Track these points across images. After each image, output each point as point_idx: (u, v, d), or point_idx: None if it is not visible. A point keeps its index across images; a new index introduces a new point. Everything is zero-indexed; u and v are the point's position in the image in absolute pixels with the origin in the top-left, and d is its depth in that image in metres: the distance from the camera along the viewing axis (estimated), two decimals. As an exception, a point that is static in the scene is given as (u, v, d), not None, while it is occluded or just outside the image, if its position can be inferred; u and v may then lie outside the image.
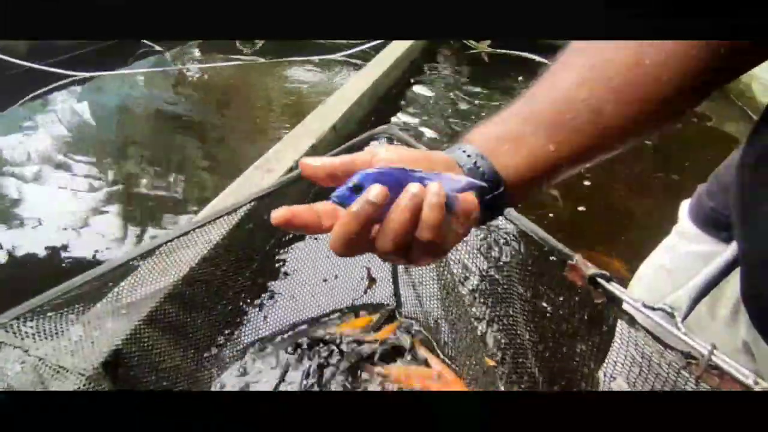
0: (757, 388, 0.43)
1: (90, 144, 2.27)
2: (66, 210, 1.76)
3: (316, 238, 1.01)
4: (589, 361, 0.63)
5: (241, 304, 0.90)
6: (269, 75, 3.04)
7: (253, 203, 0.91)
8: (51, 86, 2.73)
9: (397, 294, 1.01)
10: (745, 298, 0.52)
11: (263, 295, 0.93)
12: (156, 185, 1.91)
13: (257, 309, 0.92)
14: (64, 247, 1.60)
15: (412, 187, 0.32)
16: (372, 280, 1.01)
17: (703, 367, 0.47)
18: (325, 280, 0.99)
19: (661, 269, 0.63)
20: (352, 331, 0.99)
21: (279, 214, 0.34)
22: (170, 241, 0.79)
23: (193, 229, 0.82)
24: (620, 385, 0.62)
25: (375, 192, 0.32)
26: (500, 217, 0.62)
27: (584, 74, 0.38)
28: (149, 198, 1.85)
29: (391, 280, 1.00)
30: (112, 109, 2.68)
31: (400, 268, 1.00)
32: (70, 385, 0.64)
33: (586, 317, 0.60)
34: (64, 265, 1.54)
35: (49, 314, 0.73)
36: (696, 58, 0.37)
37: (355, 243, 0.34)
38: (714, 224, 0.59)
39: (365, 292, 1.00)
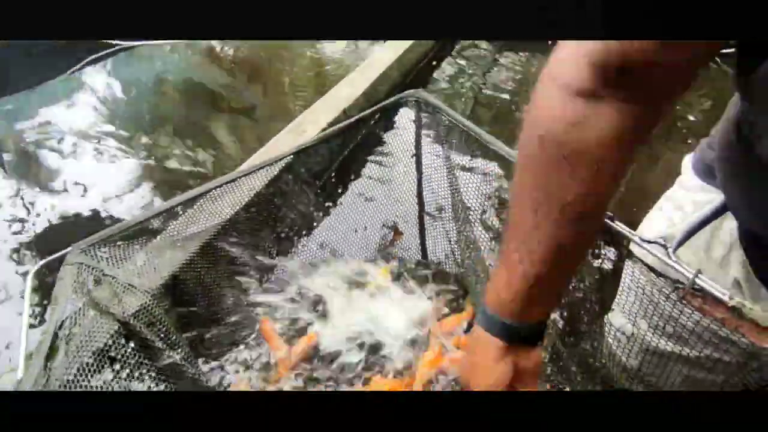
0: (731, 303, 0.49)
1: (125, 116, 2.39)
2: (99, 179, 1.89)
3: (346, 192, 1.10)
4: (590, 295, 0.70)
5: (279, 247, 1.00)
6: (298, 48, 3.10)
7: (291, 157, 1.00)
8: (91, 57, 2.84)
9: (423, 248, 1.10)
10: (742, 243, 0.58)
11: (299, 241, 1.03)
12: (185, 156, 2.02)
13: (293, 253, 1.02)
14: (98, 214, 1.74)
15: None
16: (398, 233, 1.09)
17: (689, 289, 0.53)
18: (355, 231, 1.08)
19: (662, 215, 0.69)
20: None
21: None
22: (219, 186, 0.89)
23: (238, 177, 0.92)
24: (617, 317, 0.69)
25: None
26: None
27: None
28: (178, 169, 1.96)
29: (418, 234, 1.09)
30: (146, 81, 2.78)
31: (427, 222, 1.08)
32: (139, 300, 0.74)
33: (589, 257, 0.67)
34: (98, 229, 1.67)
35: (118, 243, 0.84)
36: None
37: None
38: (713, 174, 0.64)
39: (392, 244, 1.09)
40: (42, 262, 0.80)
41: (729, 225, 0.61)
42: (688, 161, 0.70)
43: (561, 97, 0.43)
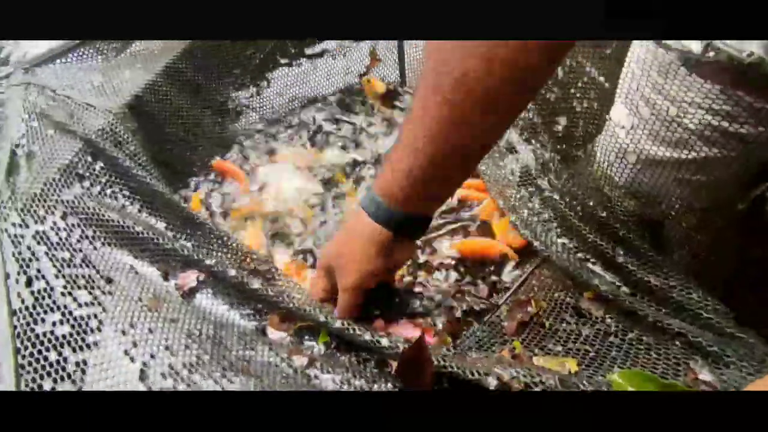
0: (748, 60, 0.45)
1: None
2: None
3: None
4: (589, 92, 0.65)
5: (252, 74, 0.92)
6: None
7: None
8: None
9: (402, 75, 1.02)
10: None
11: (272, 68, 0.94)
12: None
13: (267, 81, 0.94)
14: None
15: None
16: (376, 60, 1.01)
17: (703, 53, 0.48)
18: (333, 58, 0.99)
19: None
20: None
21: None
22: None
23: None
24: (618, 109, 0.65)
25: None
26: None
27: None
28: None
29: (396, 59, 1.00)
30: None
31: (407, 46, 0.99)
32: (101, 120, 0.68)
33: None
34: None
35: (68, 62, 0.75)
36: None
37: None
38: None
39: (368, 71, 1.01)
40: (-16, 84, 0.73)
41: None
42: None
43: None
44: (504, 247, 0.72)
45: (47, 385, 0.44)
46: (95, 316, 0.51)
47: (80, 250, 0.57)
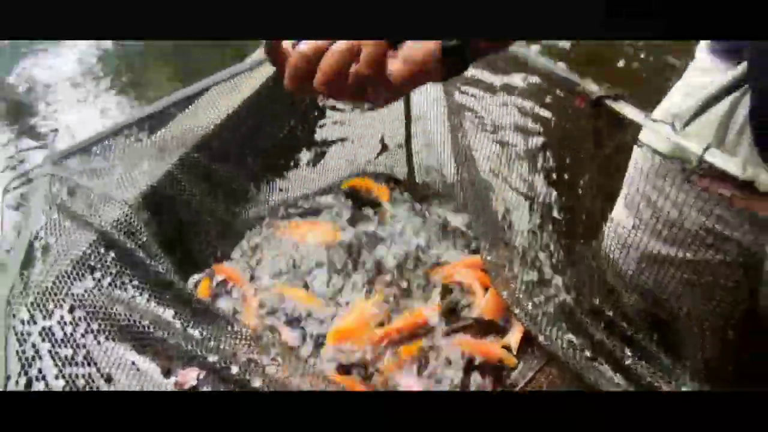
0: (743, 177, 0.46)
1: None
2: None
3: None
4: (591, 190, 0.66)
5: (265, 163, 0.96)
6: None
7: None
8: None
9: (410, 161, 1.05)
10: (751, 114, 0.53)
11: (285, 158, 0.99)
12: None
13: (281, 170, 0.98)
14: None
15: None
16: (384, 147, 1.04)
17: (696, 165, 0.49)
18: (342, 144, 1.03)
19: (673, 97, 0.64)
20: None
21: None
22: (198, 94, 0.83)
23: (216, 83, 0.85)
24: (619, 209, 0.66)
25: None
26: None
27: None
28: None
29: (404, 145, 1.04)
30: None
31: (414, 132, 1.02)
32: (116, 211, 0.71)
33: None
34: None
35: (91, 155, 0.79)
36: None
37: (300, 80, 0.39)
38: (728, 50, 0.59)
39: (376, 158, 1.05)
40: (14, 176, 0.77)
41: (743, 111, 0.56)
42: (703, 44, 0.64)
43: None
44: (502, 353, 0.71)
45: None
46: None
47: (84, 346, 0.58)
